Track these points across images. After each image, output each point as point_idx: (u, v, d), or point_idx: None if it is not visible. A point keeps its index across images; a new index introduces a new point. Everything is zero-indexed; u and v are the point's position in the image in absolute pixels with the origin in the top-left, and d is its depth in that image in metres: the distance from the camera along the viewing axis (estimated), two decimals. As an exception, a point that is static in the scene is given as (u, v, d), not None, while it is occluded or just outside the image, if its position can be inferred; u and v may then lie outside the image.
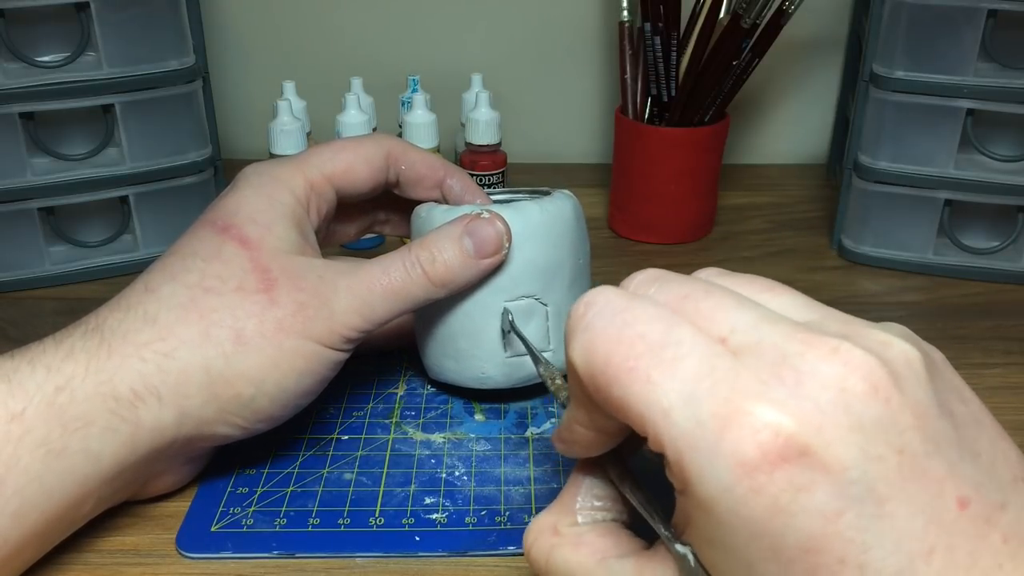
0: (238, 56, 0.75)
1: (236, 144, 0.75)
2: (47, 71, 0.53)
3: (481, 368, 0.42)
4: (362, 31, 0.75)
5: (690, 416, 0.22)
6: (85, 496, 0.33)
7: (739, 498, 0.21)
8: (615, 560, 0.27)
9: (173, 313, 0.35)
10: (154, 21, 0.55)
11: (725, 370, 0.22)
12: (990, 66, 0.55)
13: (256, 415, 0.36)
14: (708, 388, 0.22)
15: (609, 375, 0.24)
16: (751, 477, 0.21)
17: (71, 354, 0.33)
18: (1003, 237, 0.58)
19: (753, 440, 0.21)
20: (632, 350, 0.23)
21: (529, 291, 0.41)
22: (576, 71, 0.77)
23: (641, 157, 0.62)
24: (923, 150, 0.57)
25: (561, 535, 0.28)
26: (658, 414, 0.23)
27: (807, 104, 0.78)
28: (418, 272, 0.39)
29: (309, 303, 0.37)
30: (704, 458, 0.22)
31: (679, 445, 0.22)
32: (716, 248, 0.64)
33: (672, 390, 0.23)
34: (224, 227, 0.37)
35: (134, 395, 0.33)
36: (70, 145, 0.56)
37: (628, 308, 0.24)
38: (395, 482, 0.40)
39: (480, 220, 0.40)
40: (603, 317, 0.25)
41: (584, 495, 0.29)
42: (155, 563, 0.35)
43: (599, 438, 0.28)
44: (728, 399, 0.22)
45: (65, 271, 0.57)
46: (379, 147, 0.43)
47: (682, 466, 0.22)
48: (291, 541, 0.36)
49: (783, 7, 0.57)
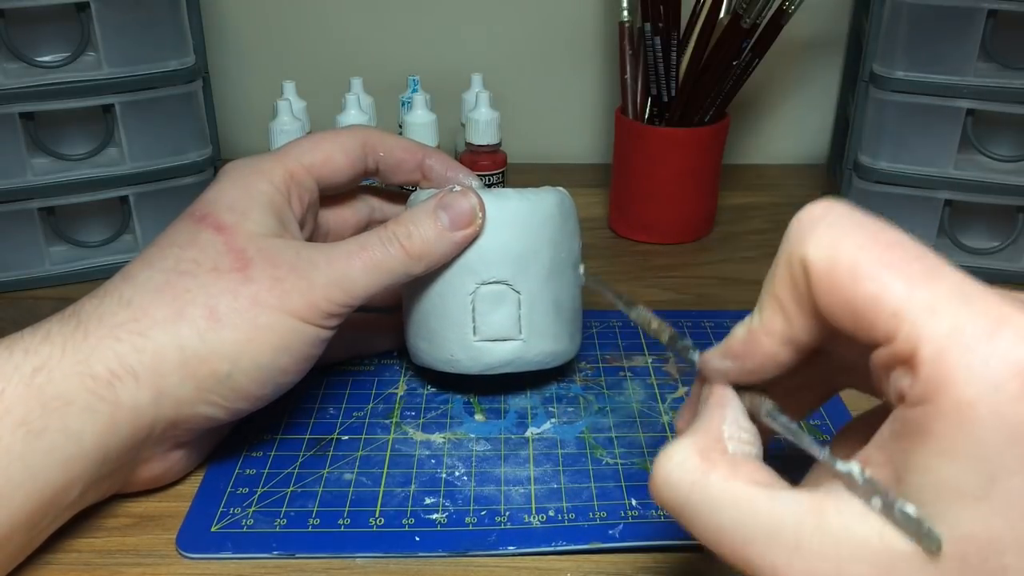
0: (238, 56, 0.75)
1: (236, 144, 0.75)
2: (47, 71, 0.53)
3: (450, 351, 0.43)
4: (362, 31, 0.75)
5: (959, 314, 0.22)
6: (71, 480, 0.33)
7: (1007, 398, 0.21)
8: (784, 492, 0.25)
9: (148, 296, 0.36)
10: (154, 21, 0.55)
11: (985, 289, 0.23)
12: (990, 66, 0.55)
13: (235, 393, 0.36)
14: (976, 292, 0.22)
15: (861, 270, 0.23)
16: (1023, 378, 0.21)
17: (48, 337, 0.34)
18: (1003, 237, 0.58)
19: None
20: (891, 250, 0.24)
21: (500, 276, 0.42)
22: (576, 71, 0.77)
23: (641, 157, 0.62)
24: (923, 150, 0.57)
25: (712, 462, 0.26)
26: (923, 310, 0.22)
27: (807, 104, 0.78)
28: (396, 246, 0.39)
29: (286, 278, 0.37)
30: (974, 355, 0.21)
31: (944, 343, 0.22)
32: (716, 248, 0.64)
33: (937, 288, 0.23)
34: (201, 216, 0.38)
35: (111, 374, 0.34)
36: (70, 145, 0.56)
37: (875, 220, 0.25)
38: (395, 482, 0.40)
39: (453, 194, 0.41)
40: (851, 218, 0.25)
41: (730, 424, 0.28)
42: (155, 563, 0.35)
43: (780, 353, 0.27)
44: (998, 306, 0.22)
45: (65, 271, 0.57)
46: (355, 137, 0.43)
47: (943, 365, 0.22)
48: (291, 541, 0.36)
49: (783, 7, 0.57)
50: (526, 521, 0.37)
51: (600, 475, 0.40)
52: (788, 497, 0.25)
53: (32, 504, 0.32)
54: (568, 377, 0.47)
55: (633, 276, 0.59)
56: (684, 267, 0.61)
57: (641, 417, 0.44)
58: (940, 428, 0.22)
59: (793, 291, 0.25)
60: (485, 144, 0.59)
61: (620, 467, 0.41)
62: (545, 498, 0.39)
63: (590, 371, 0.48)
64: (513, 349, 0.43)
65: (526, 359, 0.43)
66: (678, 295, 0.57)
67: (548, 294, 0.42)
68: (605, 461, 0.41)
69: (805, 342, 0.26)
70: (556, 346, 0.43)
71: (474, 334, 0.42)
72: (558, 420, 0.44)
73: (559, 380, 0.47)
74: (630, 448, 0.42)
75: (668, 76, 0.61)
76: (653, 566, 0.35)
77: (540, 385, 0.46)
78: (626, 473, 0.40)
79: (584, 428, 0.43)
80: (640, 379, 0.47)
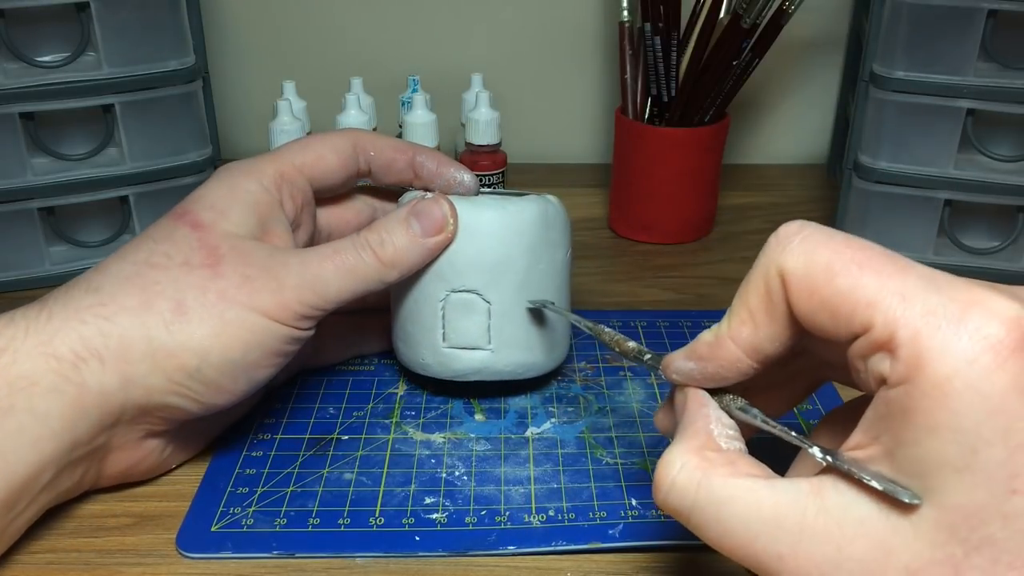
0: (238, 56, 0.75)
1: (236, 144, 0.75)
2: (47, 71, 0.53)
3: (421, 354, 0.43)
4: (362, 31, 0.75)
5: (930, 299, 0.23)
6: (42, 462, 0.33)
7: (981, 371, 0.22)
8: (781, 481, 0.26)
9: (117, 284, 0.36)
10: (154, 21, 0.55)
11: (953, 278, 0.24)
12: (990, 66, 0.55)
13: (206, 387, 0.36)
14: (945, 280, 0.24)
15: (833, 271, 0.25)
16: (995, 351, 0.22)
17: (12, 321, 0.34)
18: (1003, 237, 0.58)
19: (1000, 318, 0.22)
20: (861, 252, 0.25)
21: (470, 285, 0.41)
22: (576, 71, 0.77)
23: (641, 157, 0.62)
24: (923, 150, 0.57)
25: (711, 461, 0.27)
26: (894, 297, 0.24)
27: (807, 104, 0.78)
28: (368, 253, 0.39)
29: (256, 276, 0.37)
30: (948, 333, 0.23)
31: (918, 325, 0.23)
32: (716, 248, 0.64)
33: (907, 280, 0.24)
34: (181, 214, 0.38)
35: (75, 356, 0.34)
36: (70, 145, 0.56)
37: (846, 234, 0.26)
38: (395, 482, 0.40)
39: (425, 201, 0.41)
40: (823, 232, 0.26)
41: (716, 424, 0.29)
42: (155, 563, 0.35)
43: (743, 360, 0.28)
44: (967, 289, 0.23)
45: (65, 271, 0.57)
46: (346, 138, 0.44)
47: (919, 344, 0.23)
48: (291, 541, 0.36)
49: (783, 7, 0.57)
50: (526, 521, 0.37)
51: (600, 475, 0.40)
52: (787, 486, 0.26)
53: (5, 485, 0.32)
54: (568, 377, 0.47)
55: (633, 276, 0.59)
56: (684, 267, 0.61)
57: (641, 417, 0.44)
58: (922, 404, 0.23)
59: (766, 301, 0.27)
60: (485, 144, 0.59)
61: (620, 467, 0.41)
62: (545, 498, 0.39)
63: (590, 371, 0.48)
64: (482, 358, 0.43)
65: (495, 369, 0.43)
66: (678, 295, 0.57)
67: (521, 305, 0.42)
68: (605, 461, 0.41)
69: (768, 352, 0.28)
70: (528, 357, 0.43)
71: (443, 340, 0.42)
72: (558, 420, 0.44)
73: (559, 380, 0.47)
74: (630, 448, 0.42)
75: (668, 76, 0.61)
76: (653, 566, 0.35)
77: (540, 385, 0.46)
78: (626, 473, 0.40)
79: (584, 428, 0.43)
80: (640, 379, 0.47)
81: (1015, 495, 0.22)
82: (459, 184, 0.44)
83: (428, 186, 0.45)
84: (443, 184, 0.44)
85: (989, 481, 0.22)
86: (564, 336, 0.45)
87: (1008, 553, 0.22)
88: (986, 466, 0.22)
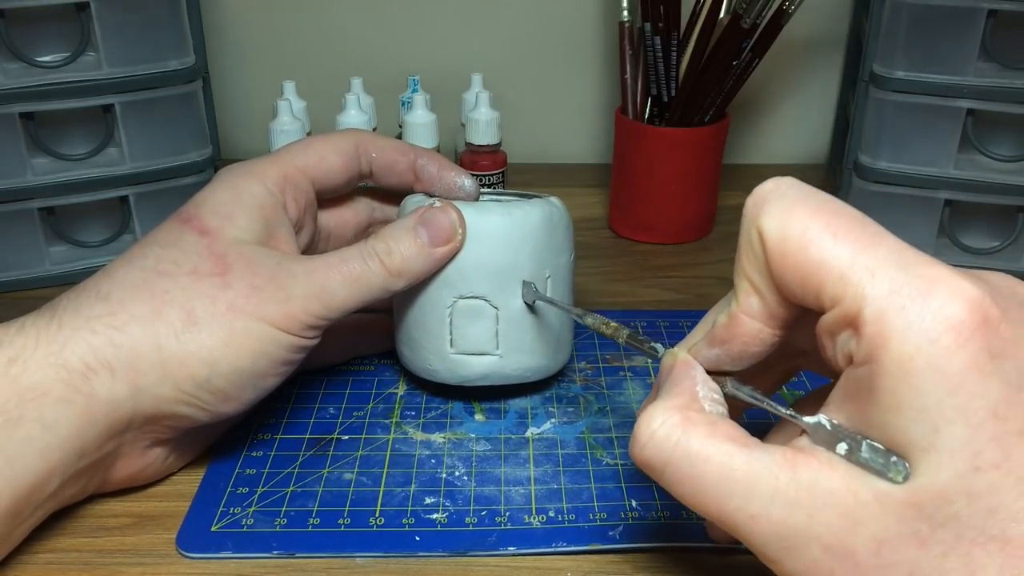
0: (238, 56, 0.75)
1: (236, 144, 0.75)
2: (47, 71, 0.53)
3: (428, 360, 0.43)
4: (362, 31, 0.75)
5: (896, 276, 0.24)
6: (49, 471, 0.33)
7: (942, 350, 0.23)
8: (758, 448, 0.27)
9: (126, 292, 0.36)
10: (154, 21, 0.55)
11: (919, 254, 0.25)
12: (990, 66, 0.55)
13: (215, 396, 0.36)
14: (912, 257, 0.24)
15: (808, 238, 0.25)
16: (956, 331, 0.23)
17: (22, 329, 0.34)
18: (1003, 237, 0.58)
19: (962, 299, 0.23)
20: (836, 218, 0.25)
21: (478, 291, 0.41)
22: (576, 71, 0.77)
23: (641, 157, 0.62)
24: (923, 150, 0.57)
25: (692, 421, 0.28)
26: (863, 273, 0.24)
27: (807, 104, 0.78)
28: (376, 262, 0.39)
29: (264, 287, 0.37)
30: (911, 312, 0.23)
31: (883, 304, 0.24)
32: (716, 248, 0.64)
33: (878, 254, 0.24)
34: (187, 218, 0.38)
35: (86, 367, 0.34)
36: (70, 145, 0.56)
37: (820, 192, 0.27)
38: (395, 482, 0.40)
39: (433, 210, 0.41)
40: (799, 189, 0.27)
41: (702, 386, 0.30)
42: (155, 563, 0.35)
43: (763, 331, 0.28)
44: (932, 268, 0.24)
45: (65, 271, 0.57)
46: (348, 138, 0.44)
47: (884, 323, 0.23)
48: (291, 541, 0.36)
49: (783, 7, 0.57)
50: (526, 522, 0.37)
51: (600, 475, 0.40)
52: (763, 452, 0.27)
53: (11, 493, 0.32)
54: (568, 377, 0.47)
55: (633, 276, 0.59)
56: (684, 267, 0.61)
57: (641, 417, 0.44)
58: (886, 384, 0.23)
59: (756, 265, 0.27)
60: (485, 144, 0.59)
61: (620, 467, 0.41)
62: (545, 498, 0.39)
63: (590, 371, 0.48)
64: (490, 363, 0.43)
65: (503, 373, 0.43)
66: (678, 295, 0.57)
67: (527, 310, 0.42)
68: (605, 461, 0.41)
69: (783, 316, 0.28)
70: (535, 361, 0.43)
71: (451, 346, 0.42)
72: (558, 420, 0.44)
73: (559, 380, 0.47)
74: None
75: (668, 76, 0.61)
76: (653, 567, 0.35)
77: (540, 386, 0.46)
78: (626, 474, 0.40)
79: (584, 428, 0.43)
80: (640, 379, 0.47)
81: (978, 472, 0.23)
82: (460, 189, 0.44)
83: (428, 190, 0.44)
84: (443, 188, 0.44)
85: (953, 460, 0.23)
86: (568, 337, 0.45)
87: (972, 529, 0.23)
88: (949, 444, 0.23)
